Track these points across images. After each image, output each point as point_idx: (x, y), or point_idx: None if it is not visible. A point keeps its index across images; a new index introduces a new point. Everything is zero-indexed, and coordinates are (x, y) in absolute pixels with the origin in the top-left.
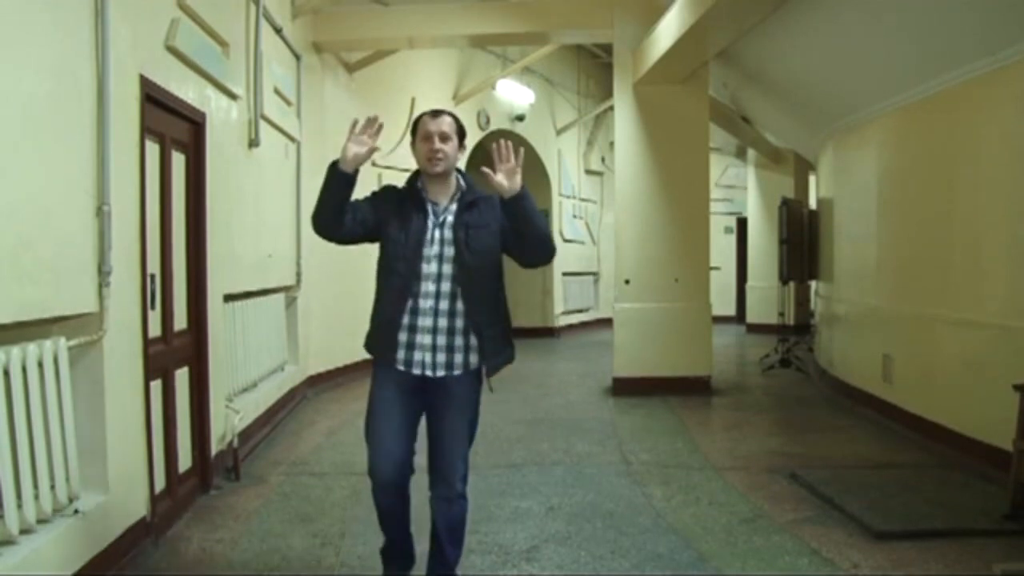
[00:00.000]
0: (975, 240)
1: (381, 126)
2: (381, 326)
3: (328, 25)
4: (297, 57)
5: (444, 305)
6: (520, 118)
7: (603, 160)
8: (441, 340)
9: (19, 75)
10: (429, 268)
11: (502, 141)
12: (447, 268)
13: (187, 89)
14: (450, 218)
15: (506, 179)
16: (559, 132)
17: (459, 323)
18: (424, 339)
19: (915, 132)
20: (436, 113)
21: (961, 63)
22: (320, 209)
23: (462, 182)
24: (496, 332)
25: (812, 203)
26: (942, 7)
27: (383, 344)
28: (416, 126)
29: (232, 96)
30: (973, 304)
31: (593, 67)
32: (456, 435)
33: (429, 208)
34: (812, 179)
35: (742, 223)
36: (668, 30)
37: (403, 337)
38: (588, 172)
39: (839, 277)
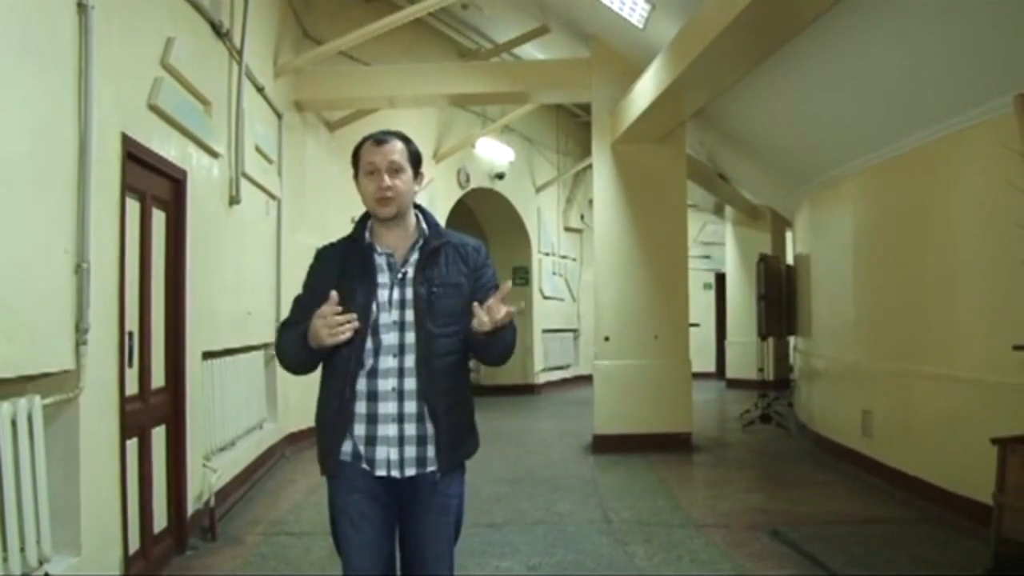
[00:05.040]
0: (950, 296)
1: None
2: (325, 429)
3: (310, 84)
4: (279, 115)
5: (410, 384)
6: (500, 176)
7: (582, 218)
8: (410, 430)
9: (1, 133)
10: (388, 339)
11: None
12: (410, 337)
13: (169, 147)
14: (411, 272)
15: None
16: (538, 190)
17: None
18: (388, 430)
19: (888, 190)
20: (381, 139)
21: (931, 123)
22: (293, 362)
23: (423, 224)
24: (455, 419)
25: (789, 259)
26: (912, 68)
27: (333, 446)
28: (357, 155)
29: (213, 154)
30: (949, 359)
31: (572, 126)
32: (440, 539)
33: (382, 262)
34: (789, 235)
35: (721, 279)
36: (645, 91)
37: (360, 430)
38: (567, 229)
39: (817, 333)
